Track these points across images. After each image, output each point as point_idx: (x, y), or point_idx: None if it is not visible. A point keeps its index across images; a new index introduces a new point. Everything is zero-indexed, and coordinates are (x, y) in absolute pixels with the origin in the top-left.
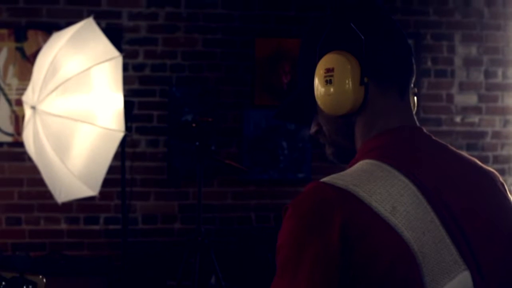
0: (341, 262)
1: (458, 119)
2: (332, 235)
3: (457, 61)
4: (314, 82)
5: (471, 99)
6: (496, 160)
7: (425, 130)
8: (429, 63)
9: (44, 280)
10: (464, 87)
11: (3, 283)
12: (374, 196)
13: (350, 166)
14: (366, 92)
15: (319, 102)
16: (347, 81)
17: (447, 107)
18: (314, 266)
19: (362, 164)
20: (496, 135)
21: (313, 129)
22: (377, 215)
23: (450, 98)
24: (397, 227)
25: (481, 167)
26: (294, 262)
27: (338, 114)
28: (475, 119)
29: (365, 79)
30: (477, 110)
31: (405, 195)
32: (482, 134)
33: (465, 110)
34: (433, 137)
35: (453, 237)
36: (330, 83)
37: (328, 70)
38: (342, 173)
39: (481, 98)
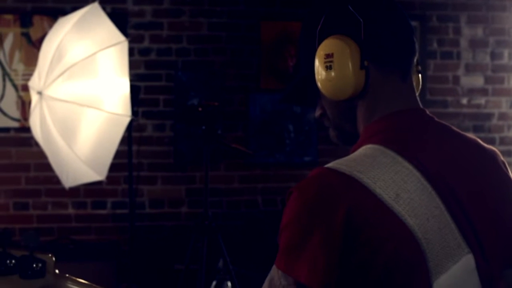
0: (344, 249)
1: (464, 101)
2: (336, 221)
3: (463, 42)
4: (315, 68)
5: (477, 80)
6: (503, 141)
7: (427, 112)
8: (435, 45)
9: (54, 258)
10: (470, 69)
11: (13, 261)
12: (378, 183)
13: (354, 151)
14: (367, 76)
15: (320, 87)
16: (347, 66)
17: (453, 89)
18: (317, 251)
19: (365, 149)
20: (503, 116)
21: (317, 112)
22: (381, 202)
23: (456, 80)
24: (401, 214)
25: (483, 147)
26: (298, 246)
27: (340, 99)
28: (482, 100)
29: (365, 63)
30: (483, 91)
31: (409, 182)
32: (489, 116)
33: (472, 92)
34: (436, 119)
35: (457, 221)
36: (330, 69)
37: (328, 56)
38: (346, 158)
39: (487, 80)
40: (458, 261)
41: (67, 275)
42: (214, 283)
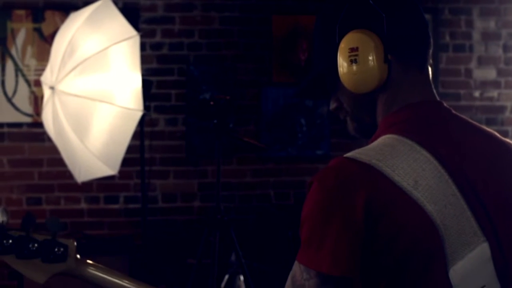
0: (365, 236)
1: (477, 93)
2: (357, 210)
3: (476, 35)
4: (338, 62)
5: (490, 73)
6: None
7: (445, 104)
8: (447, 38)
9: (75, 243)
10: (482, 62)
11: (36, 245)
12: (397, 170)
13: (372, 141)
14: (389, 70)
15: (343, 81)
16: (371, 60)
17: (465, 82)
18: (339, 240)
19: (384, 139)
20: None
21: (332, 105)
22: (400, 190)
23: (468, 73)
24: (420, 200)
25: (500, 140)
26: (319, 236)
27: (363, 92)
28: (494, 93)
29: (389, 57)
30: (496, 84)
31: (427, 169)
32: (501, 109)
33: (484, 84)
34: (453, 111)
35: (473, 210)
36: (355, 63)
37: (353, 50)
38: (365, 148)
39: (500, 73)
40: (474, 249)
41: (88, 260)
42: (226, 277)
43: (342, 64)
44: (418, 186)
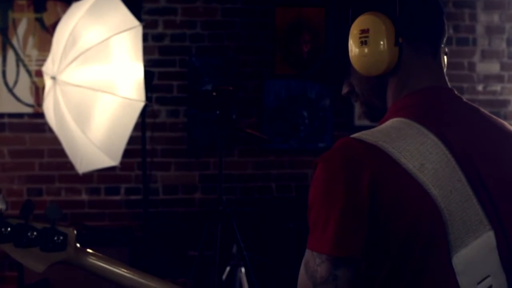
0: (369, 217)
1: (480, 87)
2: (361, 190)
3: (479, 29)
4: (349, 43)
5: (493, 67)
6: None
7: (456, 92)
8: (451, 31)
9: (75, 231)
10: (486, 55)
11: (35, 233)
12: (404, 153)
13: (380, 124)
14: (400, 53)
15: (354, 63)
16: (382, 42)
17: (469, 76)
18: (343, 220)
19: (392, 122)
20: None
21: (344, 89)
22: (405, 172)
23: (472, 66)
24: (425, 183)
25: (508, 129)
26: (324, 217)
27: (373, 75)
28: (497, 87)
29: (400, 40)
30: (499, 78)
31: (434, 153)
32: (505, 103)
33: (487, 78)
34: (464, 99)
35: (479, 197)
36: (365, 44)
37: (363, 31)
38: (372, 129)
39: (503, 66)
40: (479, 237)
41: (88, 249)
42: (228, 269)
43: (353, 46)
44: (424, 169)
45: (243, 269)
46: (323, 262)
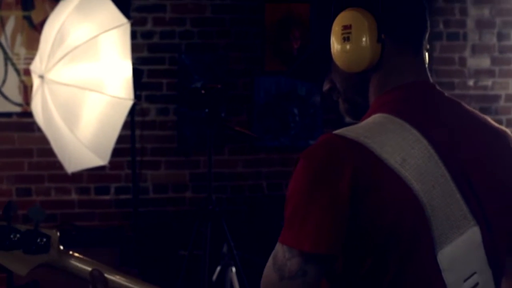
0: (350, 212)
1: (471, 82)
2: (342, 186)
3: (470, 23)
4: (331, 39)
5: (484, 62)
6: (510, 123)
7: (438, 87)
8: (441, 26)
9: (58, 233)
10: (476, 50)
11: (18, 235)
12: (385, 148)
13: (363, 120)
14: (382, 49)
15: (335, 59)
16: (364, 38)
17: (459, 71)
18: (323, 216)
19: (374, 118)
20: (510, 98)
21: (326, 86)
22: (387, 167)
23: (462, 61)
24: (407, 179)
25: (493, 126)
26: (303, 212)
27: (355, 71)
28: (488, 82)
29: (382, 36)
30: (490, 73)
31: (416, 148)
32: (495, 98)
33: (478, 73)
34: (446, 94)
35: (463, 192)
36: (347, 40)
37: (346, 27)
38: (354, 125)
39: (494, 61)
40: (464, 233)
41: (71, 252)
42: (218, 268)
43: (335, 42)
44: (406, 164)
45: (233, 269)
46: (294, 257)
